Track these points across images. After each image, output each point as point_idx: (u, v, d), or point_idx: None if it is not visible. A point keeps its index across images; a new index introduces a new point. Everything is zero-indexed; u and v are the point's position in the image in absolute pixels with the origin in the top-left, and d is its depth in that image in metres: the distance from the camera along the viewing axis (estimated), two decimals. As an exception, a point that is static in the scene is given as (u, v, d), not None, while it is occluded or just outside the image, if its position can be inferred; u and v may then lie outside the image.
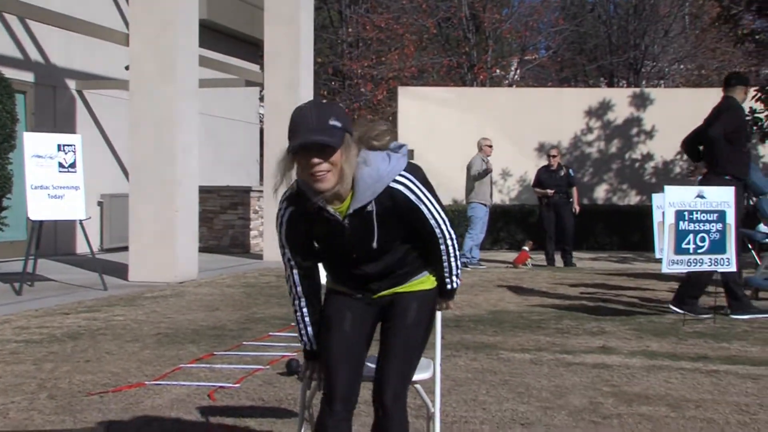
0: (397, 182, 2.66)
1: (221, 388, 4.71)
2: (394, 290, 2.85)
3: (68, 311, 7.54)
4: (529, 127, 16.63)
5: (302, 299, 2.86)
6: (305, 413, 3.08)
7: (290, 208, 2.74)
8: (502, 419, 4.09)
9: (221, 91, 16.60)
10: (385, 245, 2.74)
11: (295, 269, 2.84)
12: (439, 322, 3.04)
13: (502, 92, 19.03)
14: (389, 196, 2.66)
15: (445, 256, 2.82)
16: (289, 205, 2.74)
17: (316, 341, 2.87)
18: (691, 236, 6.86)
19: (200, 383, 4.82)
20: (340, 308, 2.84)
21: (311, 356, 2.90)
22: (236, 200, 14.70)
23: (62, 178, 8.96)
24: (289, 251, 2.82)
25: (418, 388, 3.08)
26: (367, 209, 2.67)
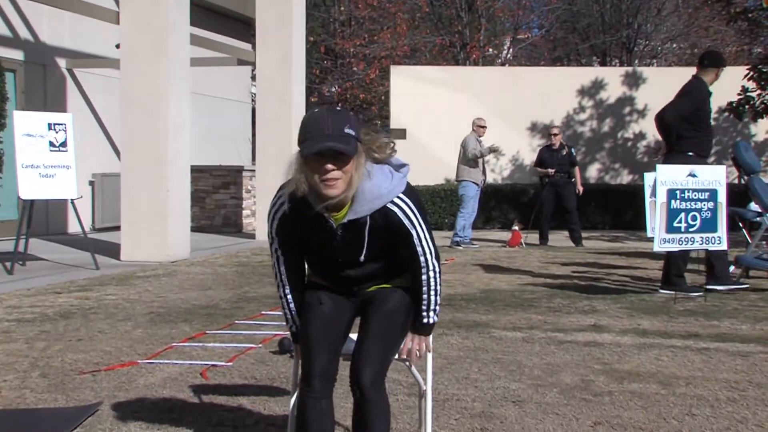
0: (394, 204, 2.70)
1: (214, 366, 4.72)
2: (376, 287, 2.90)
3: (60, 290, 7.54)
4: (521, 106, 16.60)
5: (287, 287, 2.92)
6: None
7: (287, 204, 2.75)
8: (493, 397, 4.11)
9: (213, 70, 16.51)
10: (371, 258, 2.79)
11: (281, 259, 2.89)
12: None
13: (494, 71, 18.95)
14: (384, 215, 2.70)
15: (425, 287, 2.82)
16: (286, 201, 2.75)
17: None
18: (682, 215, 6.89)
19: (193, 362, 4.83)
20: (320, 296, 2.88)
21: (298, 338, 2.94)
22: (228, 179, 14.67)
23: (53, 157, 8.91)
24: (277, 243, 2.87)
25: (410, 366, 3.09)
26: (360, 221, 2.71)
